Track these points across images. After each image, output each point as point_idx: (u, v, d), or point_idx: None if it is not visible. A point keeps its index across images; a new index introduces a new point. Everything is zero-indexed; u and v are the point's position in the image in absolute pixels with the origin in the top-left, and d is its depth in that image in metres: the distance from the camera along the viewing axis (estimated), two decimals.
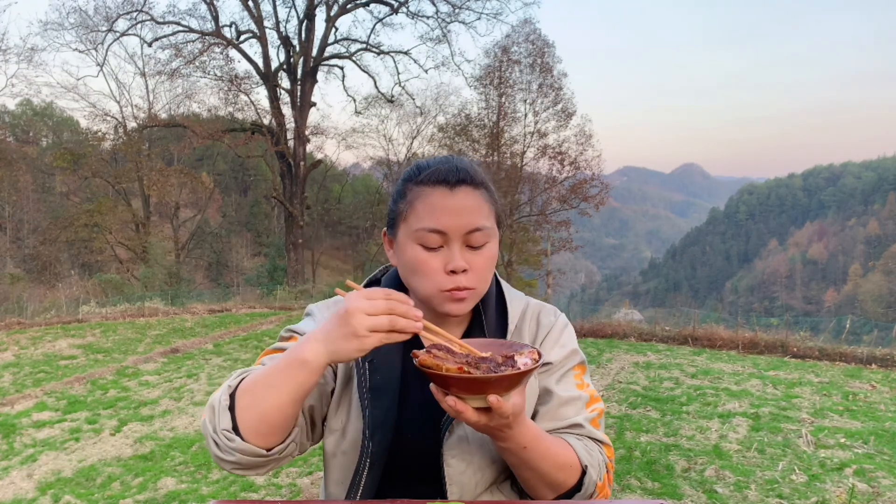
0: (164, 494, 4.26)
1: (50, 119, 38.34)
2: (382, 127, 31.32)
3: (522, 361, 0.85)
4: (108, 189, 28.31)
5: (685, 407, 6.52)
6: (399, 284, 1.11)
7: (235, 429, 0.89)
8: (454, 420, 1.01)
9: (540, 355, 0.87)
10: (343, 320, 0.83)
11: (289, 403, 0.88)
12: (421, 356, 0.85)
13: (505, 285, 1.14)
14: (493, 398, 0.82)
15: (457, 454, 1.01)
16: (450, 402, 0.84)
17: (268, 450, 0.90)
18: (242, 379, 0.93)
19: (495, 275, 1.13)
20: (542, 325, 1.11)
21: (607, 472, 1.03)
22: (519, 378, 0.83)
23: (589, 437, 1.04)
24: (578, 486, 0.98)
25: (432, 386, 0.87)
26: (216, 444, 0.89)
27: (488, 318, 1.08)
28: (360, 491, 1.02)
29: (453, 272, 0.97)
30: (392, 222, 1.04)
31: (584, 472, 0.98)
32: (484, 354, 0.87)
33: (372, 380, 1.03)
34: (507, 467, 1.04)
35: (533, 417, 1.06)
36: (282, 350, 1.04)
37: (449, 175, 0.98)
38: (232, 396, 0.91)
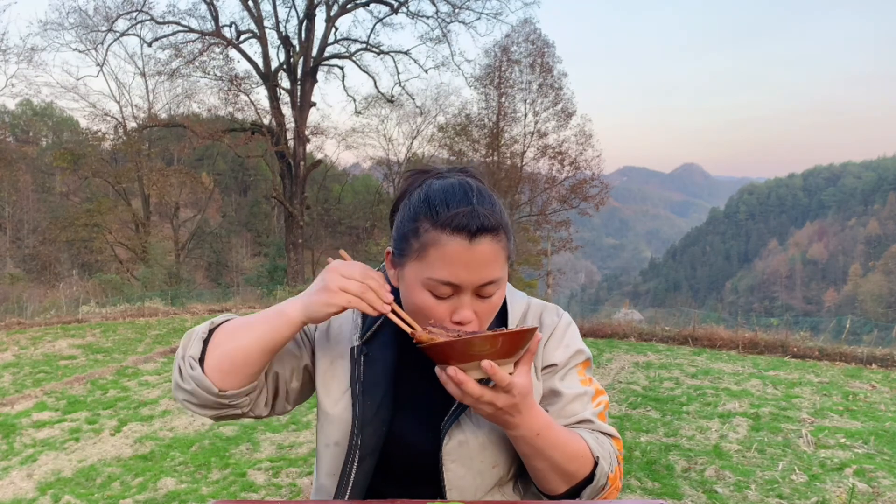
0: (164, 494, 4.26)
1: (50, 119, 38.36)
2: (382, 127, 31.36)
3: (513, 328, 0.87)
4: (108, 189, 28.31)
5: (685, 407, 6.52)
6: None
7: (202, 361, 0.94)
8: (454, 424, 1.00)
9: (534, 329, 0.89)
10: (320, 277, 0.91)
11: (256, 348, 0.93)
12: (417, 334, 0.89)
13: (507, 285, 1.13)
14: (486, 363, 0.82)
15: (456, 459, 1.00)
16: (450, 371, 0.83)
17: (221, 390, 0.93)
18: (227, 319, 0.99)
19: None
20: (545, 325, 1.10)
21: (618, 464, 1.03)
22: (510, 340, 0.83)
23: (599, 431, 1.04)
24: (591, 477, 0.97)
25: (437, 368, 0.87)
26: (180, 370, 0.94)
27: None
28: (350, 485, 1.02)
29: (459, 323, 0.94)
30: (401, 251, 0.97)
31: (595, 463, 0.97)
32: (477, 331, 0.91)
33: (366, 373, 1.03)
34: (508, 471, 1.04)
35: None
36: None
37: (471, 223, 0.90)
38: (211, 332, 0.97)
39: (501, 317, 1.09)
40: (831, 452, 5.04)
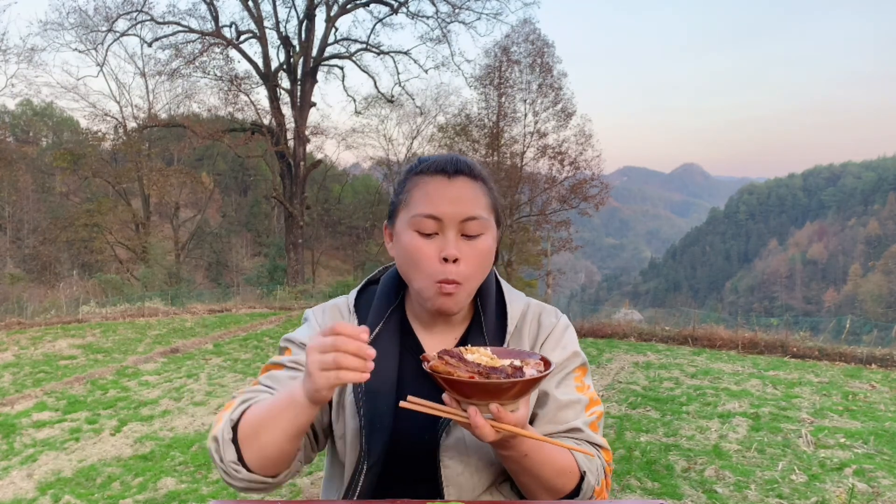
0: (164, 494, 4.26)
1: (50, 119, 38.34)
2: (382, 127, 31.33)
3: (529, 372, 0.86)
4: (108, 189, 28.29)
5: (685, 407, 6.53)
6: (397, 283, 1.11)
7: (241, 459, 0.92)
8: (451, 421, 1.00)
9: (547, 364, 0.88)
10: (306, 360, 0.84)
11: (286, 440, 0.91)
12: (433, 362, 0.87)
13: (505, 286, 1.13)
14: (493, 407, 0.84)
15: (454, 455, 1.01)
16: (471, 411, 0.85)
17: (274, 476, 0.94)
18: (244, 411, 0.96)
19: (496, 275, 1.13)
20: (542, 326, 1.11)
21: (605, 476, 1.04)
22: (527, 386, 0.84)
23: (587, 442, 1.04)
24: (577, 491, 0.99)
25: (445, 396, 0.88)
26: (225, 472, 0.93)
27: (488, 319, 1.08)
28: (358, 492, 1.02)
29: (445, 260, 0.97)
30: (392, 213, 1.06)
31: (582, 478, 0.98)
32: (495, 365, 0.88)
33: (368, 381, 1.03)
34: (505, 470, 1.04)
35: (532, 420, 1.05)
36: (279, 366, 1.06)
37: (447, 165, 1.01)
38: (234, 429, 0.94)
39: (501, 318, 1.09)
40: (831, 452, 5.04)
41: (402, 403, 0.88)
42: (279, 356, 1.09)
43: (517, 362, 0.89)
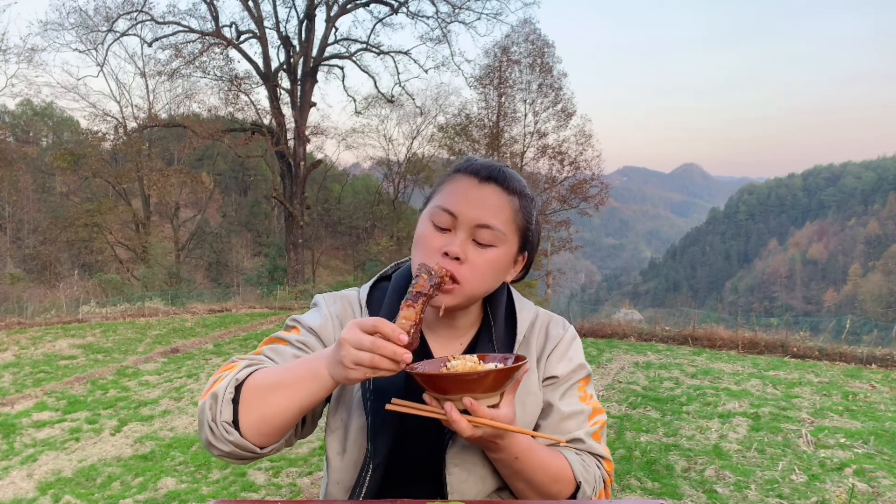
0: (164, 494, 4.26)
1: (50, 119, 38.32)
2: (382, 127, 31.41)
3: (497, 366, 0.88)
4: (108, 189, 28.28)
5: (685, 407, 6.53)
6: (410, 281, 1.10)
7: (235, 422, 0.90)
8: None
9: (518, 358, 0.89)
10: (337, 346, 0.85)
11: (294, 411, 0.90)
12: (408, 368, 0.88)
13: (516, 294, 1.13)
14: (466, 400, 0.84)
15: (459, 463, 1.01)
16: (447, 407, 0.85)
17: (261, 447, 0.92)
18: (250, 374, 0.94)
19: (506, 283, 1.12)
20: (550, 336, 1.11)
21: (604, 486, 1.04)
22: (500, 378, 0.84)
23: (589, 452, 1.05)
24: (572, 499, 1.00)
25: (426, 396, 0.88)
26: (212, 432, 0.90)
27: (497, 327, 1.08)
28: (363, 493, 1.02)
29: (446, 255, 0.97)
30: (426, 202, 1.07)
31: (577, 487, 0.99)
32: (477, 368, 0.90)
33: (376, 381, 1.02)
34: None
35: (535, 430, 1.06)
36: (284, 341, 1.05)
37: (482, 170, 1.01)
38: (237, 388, 0.92)
39: (510, 326, 1.09)
40: (831, 452, 5.04)
41: (388, 406, 0.89)
42: (285, 332, 1.08)
43: (500, 365, 0.90)
